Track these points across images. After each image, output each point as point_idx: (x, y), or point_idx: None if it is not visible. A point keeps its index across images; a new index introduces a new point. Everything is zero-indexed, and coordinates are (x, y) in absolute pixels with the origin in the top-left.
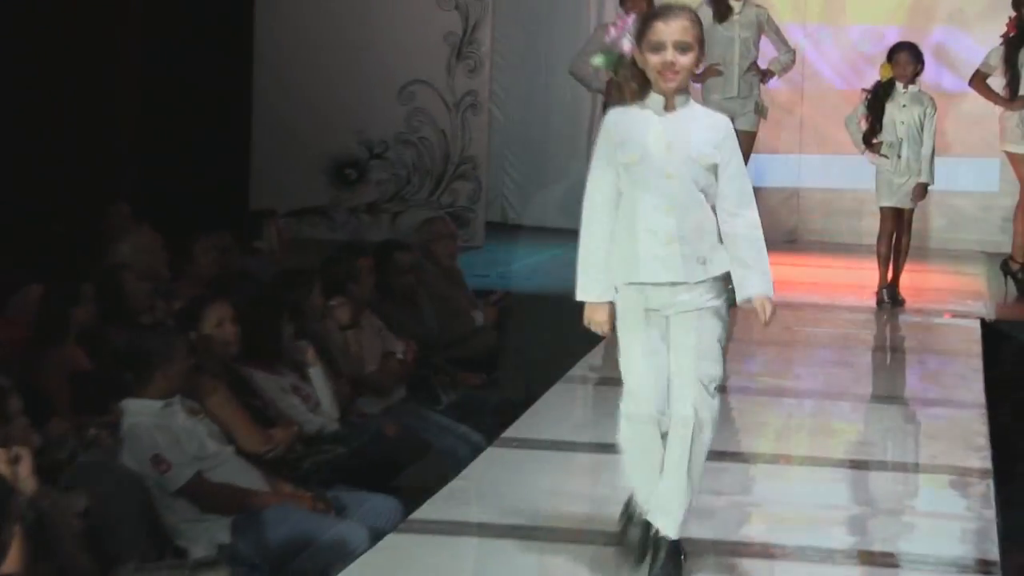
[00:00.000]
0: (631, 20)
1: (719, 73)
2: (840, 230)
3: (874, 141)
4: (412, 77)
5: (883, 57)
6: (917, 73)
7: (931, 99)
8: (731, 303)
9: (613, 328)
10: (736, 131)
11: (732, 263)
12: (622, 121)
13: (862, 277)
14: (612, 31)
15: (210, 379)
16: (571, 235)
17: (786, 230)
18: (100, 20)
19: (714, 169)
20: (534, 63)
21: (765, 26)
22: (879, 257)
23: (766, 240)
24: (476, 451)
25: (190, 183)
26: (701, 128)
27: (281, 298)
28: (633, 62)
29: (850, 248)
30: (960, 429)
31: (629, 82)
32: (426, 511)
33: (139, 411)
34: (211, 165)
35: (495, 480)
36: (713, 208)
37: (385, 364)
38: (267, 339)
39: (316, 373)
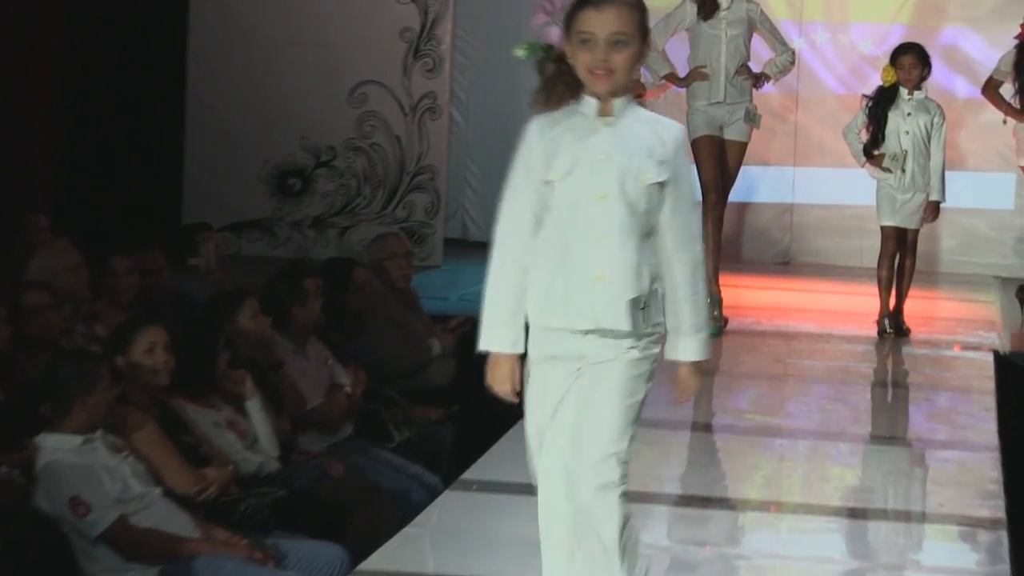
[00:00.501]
0: (561, 2)
1: (705, 77)
2: (838, 251)
3: (876, 153)
4: (364, 77)
5: (886, 59)
6: (924, 77)
7: (939, 107)
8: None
9: (522, 392)
10: (724, 141)
11: (666, 312)
12: (547, 130)
13: (862, 304)
14: (540, 15)
15: (136, 412)
16: None
17: (778, 250)
18: (15, 14)
19: (659, 190)
20: (499, 62)
21: (758, 23)
22: (880, 282)
23: (757, 261)
24: (432, 494)
25: (115, 193)
26: (646, 139)
27: (217, 322)
28: (562, 57)
29: (849, 271)
30: (971, 474)
31: (556, 82)
32: (375, 561)
33: (56, 447)
34: (139, 173)
35: (453, 527)
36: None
37: (331, 397)
38: (201, 368)
39: (254, 406)
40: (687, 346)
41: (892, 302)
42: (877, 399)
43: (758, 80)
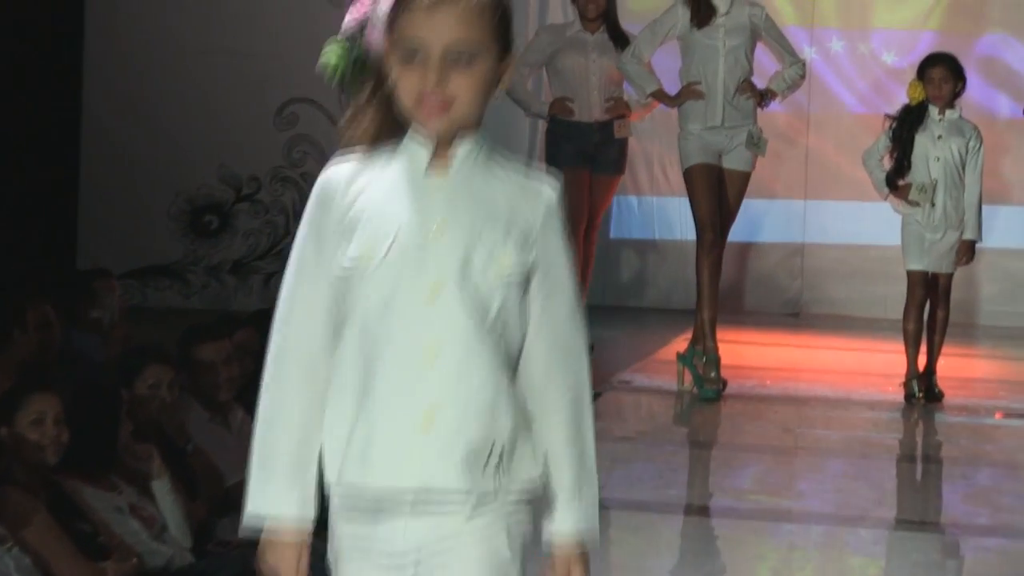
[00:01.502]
0: None
1: (699, 95)
2: (857, 300)
3: (901, 183)
4: (292, 94)
5: (913, 72)
6: (957, 94)
7: (975, 129)
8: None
9: None
10: (723, 171)
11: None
12: (349, 187)
13: (886, 362)
14: (353, 11)
15: (22, 495)
16: None
17: (787, 299)
18: None
19: (522, 283)
20: None
21: (762, 30)
22: (907, 336)
23: (763, 312)
24: None
25: None
26: (503, 203)
27: (118, 388)
28: (382, 74)
29: (870, 324)
30: (1016, 566)
31: (369, 112)
32: None
33: None
34: (26, 211)
35: None
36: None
37: None
38: (99, 443)
39: (162, 487)
40: (563, 517)
41: (922, 361)
42: (904, 476)
43: (763, 98)
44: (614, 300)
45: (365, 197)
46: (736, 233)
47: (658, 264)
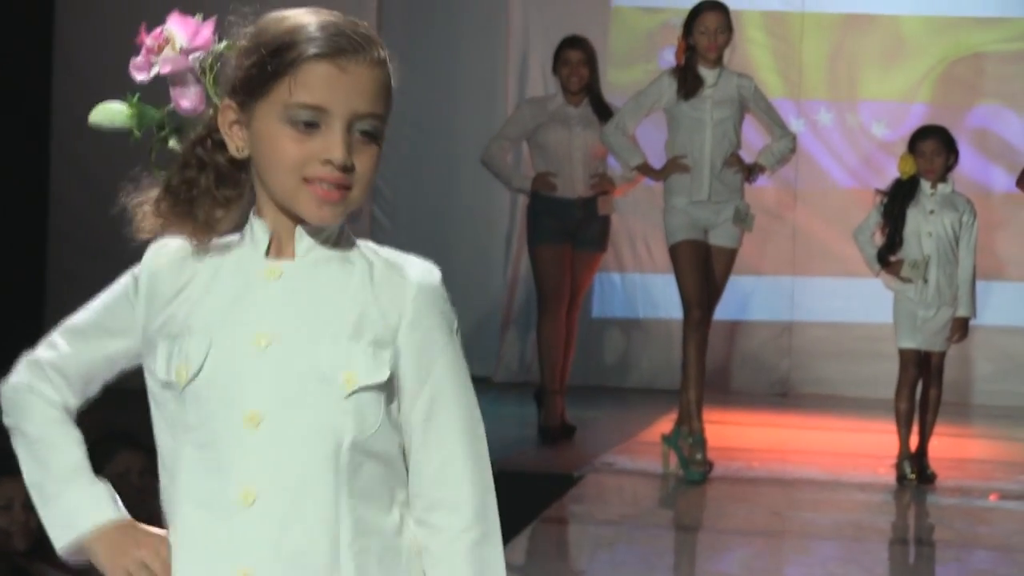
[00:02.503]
0: (204, 27)
1: (685, 168)
2: (847, 379)
3: (892, 259)
4: None
5: (904, 146)
6: (949, 167)
7: (969, 203)
8: None
9: None
10: (710, 247)
11: None
12: (173, 277)
13: (877, 443)
14: (147, 45)
15: None
16: (482, 385)
17: (775, 379)
18: None
19: (383, 401)
20: (432, 150)
21: (751, 102)
22: (899, 416)
23: (749, 392)
24: None
25: None
26: (357, 299)
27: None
28: (206, 138)
29: (861, 403)
30: None
31: (194, 187)
32: None
33: None
34: None
35: None
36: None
37: None
38: None
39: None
40: None
41: (914, 441)
42: (897, 560)
43: (751, 172)
44: (596, 380)
45: (185, 297)
46: (723, 311)
47: (642, 343)
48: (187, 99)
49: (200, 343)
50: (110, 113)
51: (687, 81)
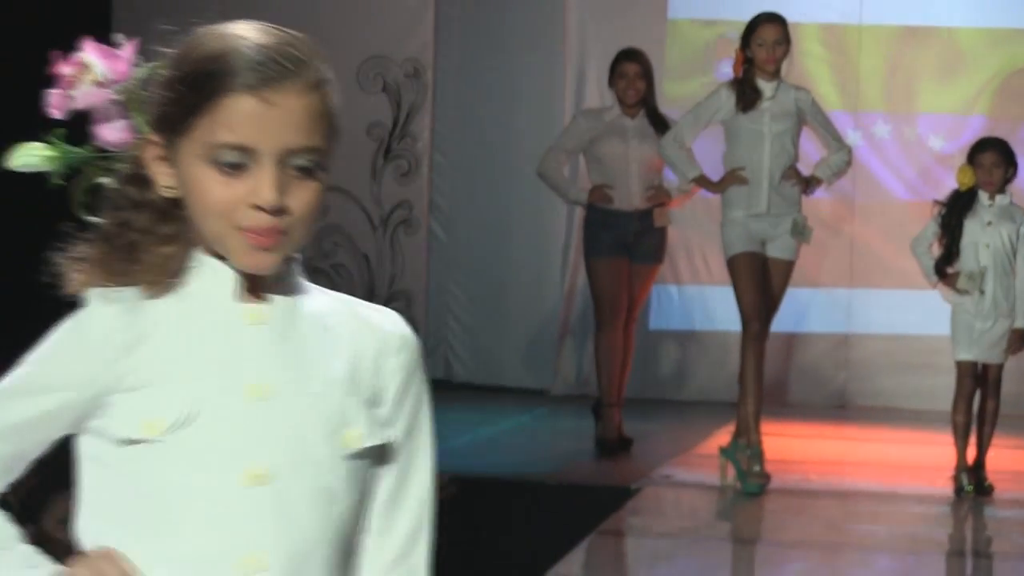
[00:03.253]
0: (122, 55)
1: (744, 181)
2: (904, 391)
3: (950, 271)
4: None
5: (962, 158)
6: (1008, 179)
7: None
8: None
9: None
10: (768, 259)
11: None
12: (128, 327)
13: (935, 456)
14: (65, 76)
15: None
16: (539, 398)
17: (832, 391)
18: None
19: (372, 463)
20: (489, 163)
21: (809, 116)
22: (957, 428)
23: (807, 404)
24: None
25: None
26: (343, 351)
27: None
28: (131, 179)
29: (918, 416)
30: None
31: (135, 234)
32: None
33: None
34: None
35: None
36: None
37: None
38: None
39: None
40: None
41: (971, 453)
42: (954, 573)
43: (808, 185)
44: (653, 393)
45: (148, 346)
46: (780, 323)
47: (699, 355)
48: (112, 133)
49: (179, 393)
50: (29, 154)
51: (745, 94)
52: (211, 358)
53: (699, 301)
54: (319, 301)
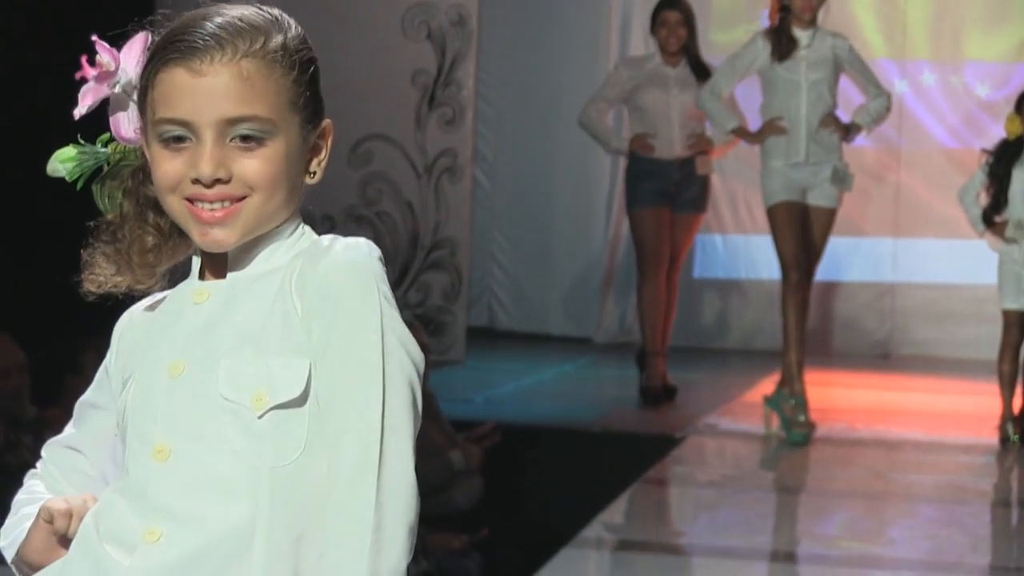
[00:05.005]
0: (125, 49)
1: (782, 131)
2: (949, 341)
3: (997, 220)
4: (367, 131)
5: (1009, 106)
6: None
7: None
8: None
9: None
10: (808, 208)
11: None
12: (135, 325)
13: (980, 405)
14: (87, 94)
15: None
16: (583, 346)
17: (876, 341)
18: None
19: (298, 420)
20: (533, 112)
21: (846, 63)
22: (1002, 378)
23: (851, 354)
24: None
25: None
26: (266, 303)
27: None
28: (137, 171)
29: (963, 365)
30: None
31: (137, 226)
32: None
33: None
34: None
35: None
36: None
37: None
38: None
39: None
40: None
41: (1017, 403)
42: (1000, 522)
43: (848, 132)
44: (697, 341)
45: (142, 333)
46: (824, 272)
47: (743, 304)
48: (125, 127)
49: (127, 371)
50: (56, 161)
51: (781, 43)
52: (157, 342)
53: (743, 250)
54: (281, 261)
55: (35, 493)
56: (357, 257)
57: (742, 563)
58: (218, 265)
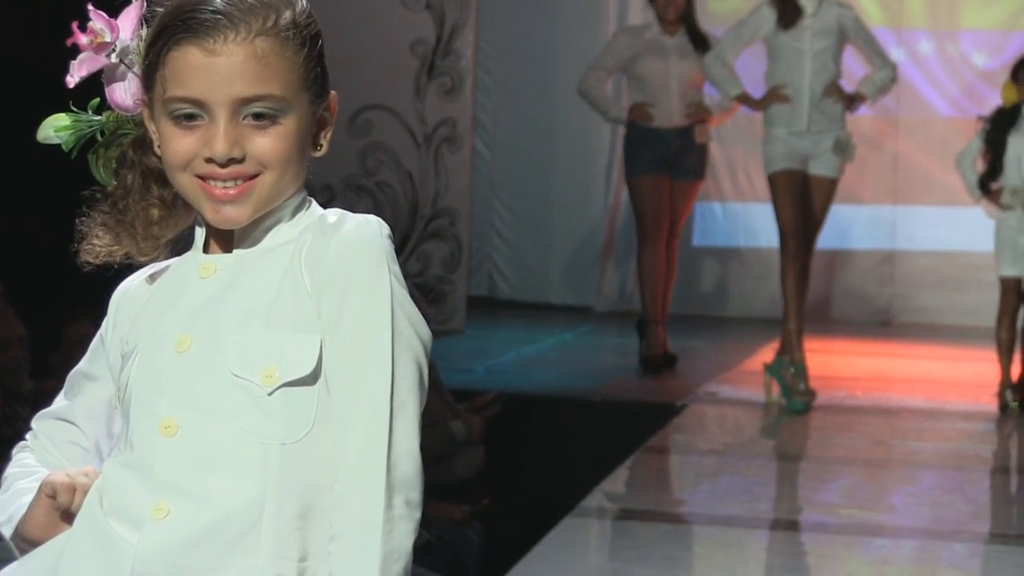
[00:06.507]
0: (122, 18)
1: (785, 99)
2: (949, 308)
3: (993, 187)
4: (366, 101)
5: (1005, 74)
6: None
7: None
8: None
9: None
10: (810, 177)
11: None
12: (130, 305)
13: (979, 372)
14: (81, 64)
15: None
16: (583, 315)
17: (876, 308)
18: None
19: (308, 397)
20: (532, 81)
21: (851, 33)
22: (1001, 344)
23: (851, 321)
24: None
25: (67, 239)
26: (274, 279)
27: None
28: (136, 141)
29: (963, 332)
30: None
31: (140, 195)
32: None
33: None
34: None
35: None
36: None
37: None
38: None
39: None
40: None
41: (1016, 370)
42: (1000, 489)
43: (852, 102)
44: (697, 309)
45: (135, 317)
46: (824, 240)
47: (742, 272)
48: (122, 96)
49: (131, 344)
50: (48, 128)
51: (786, 11)
52: (161, 316)
53: (742, 218)
54: (288, 235)
55: (28, 467)
56: (368, 235)
57: (744, 531)
58: (224, 238)
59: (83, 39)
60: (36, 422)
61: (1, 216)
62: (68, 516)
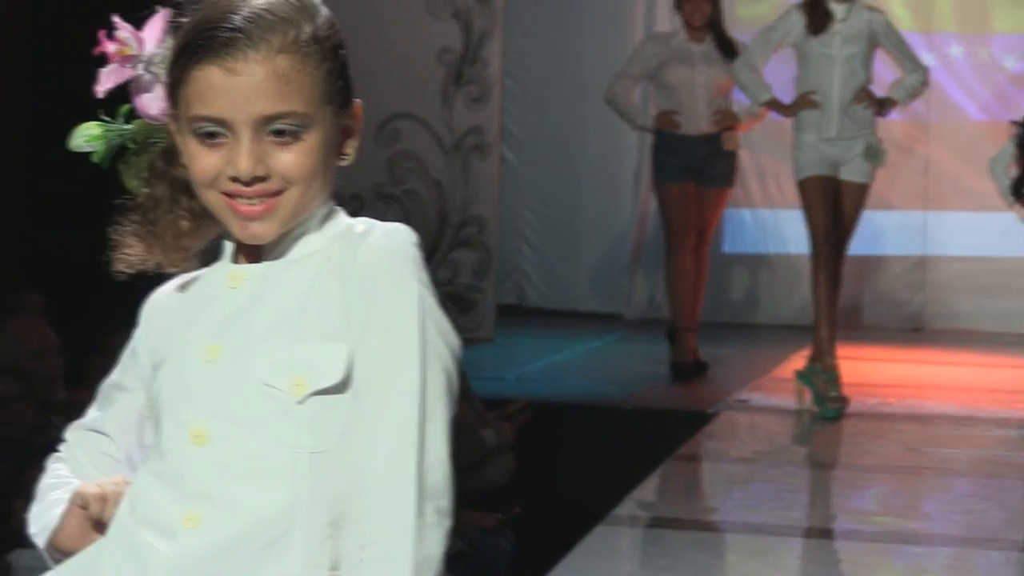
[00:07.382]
0: (147, 29)
1: (815, 105)
2: (981, 314)
3: None
4: (394, 109)
5: None
6: None
7: None
8: None
9: None
10: (841, 183)
11: None
12: (160, 317)
13: (1013, 378)
14: (109, 75)
15: None
16: (612, 323)
17: (908, 314)
18: None
19: (341, 401)
20: (560, 88)
21: (882, 38)
22: None
23: (883, 328)
24: None
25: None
26: (301, 290)
27: None
28: (164, 152)
29: (996, 338)
30: None
31: (166, 206)
32: None
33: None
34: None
35: None
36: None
37: None
38: None
39: None
40: None
41: None
42: None
43: (882, 106)
44: (727, 317)
45: (165, 327)
46: (855, 246)
47: (773, 279)
48: (151, 107)
49: (160, 354)
50: (79, 136)
51: (816, 17)
52: (191, 325)
53: (772, 225)
54: (316, 245)
55: (61, 478)
56: (396, 243)
57: (776, 539)
58: (252, 249)
59: (111, 47)
60: (69, 433)
61: (42, 226)
62: (100, 526)
